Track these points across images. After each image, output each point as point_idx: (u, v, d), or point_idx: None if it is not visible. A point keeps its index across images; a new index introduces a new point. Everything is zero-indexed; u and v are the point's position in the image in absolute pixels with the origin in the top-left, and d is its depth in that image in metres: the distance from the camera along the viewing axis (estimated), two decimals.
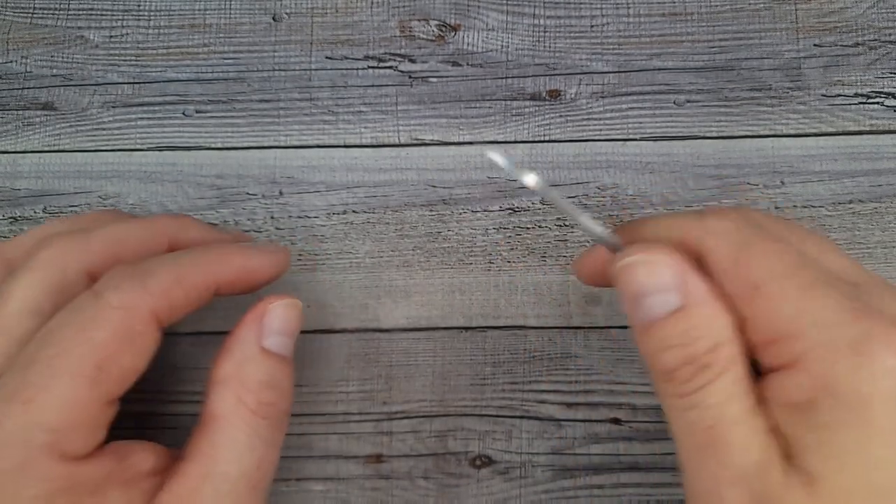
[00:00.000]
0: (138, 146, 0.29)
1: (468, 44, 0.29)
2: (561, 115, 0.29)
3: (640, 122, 0.28)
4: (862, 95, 0.28)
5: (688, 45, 0.29)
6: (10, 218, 0.28)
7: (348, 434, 0.26)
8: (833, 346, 0.16)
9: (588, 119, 0.28)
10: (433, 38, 0.29)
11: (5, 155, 0.29)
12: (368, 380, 0.27)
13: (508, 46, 0.29)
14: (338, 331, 0.27)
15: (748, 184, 0.28)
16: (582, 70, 0.29)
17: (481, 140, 0.28)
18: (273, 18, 0.30)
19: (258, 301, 0.22)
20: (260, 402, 0.21)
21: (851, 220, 0.27)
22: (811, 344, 0.17)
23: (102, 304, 0.20)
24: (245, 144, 0.29)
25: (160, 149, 0.29)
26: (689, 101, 0.28)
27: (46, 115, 0.29)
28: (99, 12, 0.30)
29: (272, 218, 0.28)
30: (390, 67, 0.29)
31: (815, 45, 0.29)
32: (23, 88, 0.29)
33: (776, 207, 0.27)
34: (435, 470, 0.26)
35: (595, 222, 0.19)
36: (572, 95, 0.29)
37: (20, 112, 0.29)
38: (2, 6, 0.30)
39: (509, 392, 0.26)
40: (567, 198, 0.20)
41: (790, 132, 0.28)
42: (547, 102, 0.29)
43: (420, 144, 0.29)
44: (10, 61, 0.29)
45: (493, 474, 0.26)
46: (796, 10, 0.29)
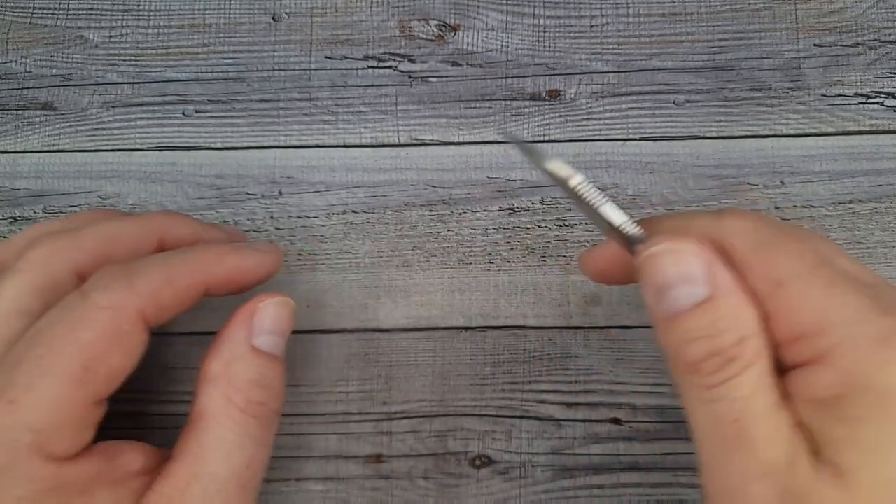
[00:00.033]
0: (138, 146, 0.29)
1: (468, 44, 0.29)
2: (561, 115, 0.29)
3: (640, 122, 0.28)
4: (862, 95, 0.28)
5: (687, 45, 0.29)
6: (10, 218, 0.28)
7: (348, 434, 0.26)
8: (860, 342, 0.16)
9: (588, 119, 0.28)
10: (433, 37, 0.29)
11: (5, 155, 0.29)
12: (368, 380, 0.27)
13: (508, 46, 0.29)
14: (337, 331, 0.27)
15: (748, 184, 0.28)
16: (582, 70, 0.29)
17: (481, 140, 0.28)
18: (273, 18, 0.30)
19: (249, 299, 0.22)
20: (249, 401, 0.21)
21: (851, 220, 0.27)
22: (838, 339, 0.17)
23: (90, 304, 0.20)
24: (245, 144, 0.29)
25: (160, 149, 0.29)
26: (688, 101, 0.28)
27: (46, 115, 0.29)
28: (99, 12, 0.30)
29: (272, 218, 0.28)
30: (390, 67, 0.29)
31: (815, 45, 0.29)
32: (22, 88, 0.29)
33: (776, 207, 0.27)
34: (435, 470, 0.26)
35: (619, 212, 0.19)
36: (572, 95, 0.29)
37: (20, 112, 0.29)
38: (1, 6, 0.30)
39: (509, 392, 0.26)
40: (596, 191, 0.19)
41: (790, 132, 0.28)
42: (547, 102, 0.29)
43: (420, 144, 0.29)
44: (10, 61, 0.29)
45: (492, 474, 0.26)
46: (796, 10, 0.29)
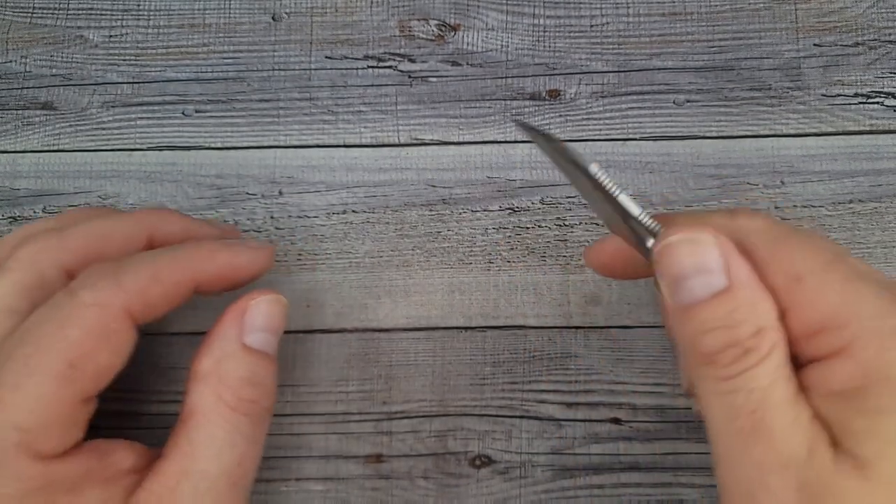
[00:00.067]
0: (138, 146, 0.29)
1: (468, 43, 0.29)
2: (561, 115, 0.29)
3: (640, 122, 0.28)
4: (862, 95, 0.28)
5: (687, 44, 0.29)
6: (10, 218, 0.28)
7: (348, 434, 0.26)
8: (882, 334, 0.17)
9: (588, 119, 0.28)
10: (433, 37, 0.29)
11: (5, 155, 0.29)
12: (368, 380, 0.27)
13: (508, 46, 0.29)
14: (337, 331, 0.27)
15: (748, 183, 0.28)
16: (582, 70, 0.29)
17: (481, 140, 0.28)
18: (273, 18, 0.30)
19: (241, 296, 0.22)
20: (240, 399, 0.21)
21: (851, 219, 0.27)
22: (858, 332, 0.17)
23: (76, 301, 0.20)
24: (245, 144, 0.29)
25: (160, 148, 0.29)
26: (688, 101, 0.28)
27: (46, 115, 0.29)
28: (98, 12, 0.30)
29: (272, 218, 0.28)
30: (390, 67, 0.29)
31: (814, 44, 0.29)
32: (22, 88, 0.29)
33: (776, 207, 0.27)
34: (435, 470, 0.26)
35: (634, 202, 0.19)
36: (572, 95, 0.29)
37: (20, 112, 0.29)
38: (1, 6, 0.30)
39: (509, 392, 0.26)
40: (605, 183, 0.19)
41: (790, 132, 0.28)
42: (547, 102, 0.29)
43: (420, 144, 0.29)
44: (10, 61, 0.29)
45: (492, 474, 0.26)
46: (796, 9, 0.29)
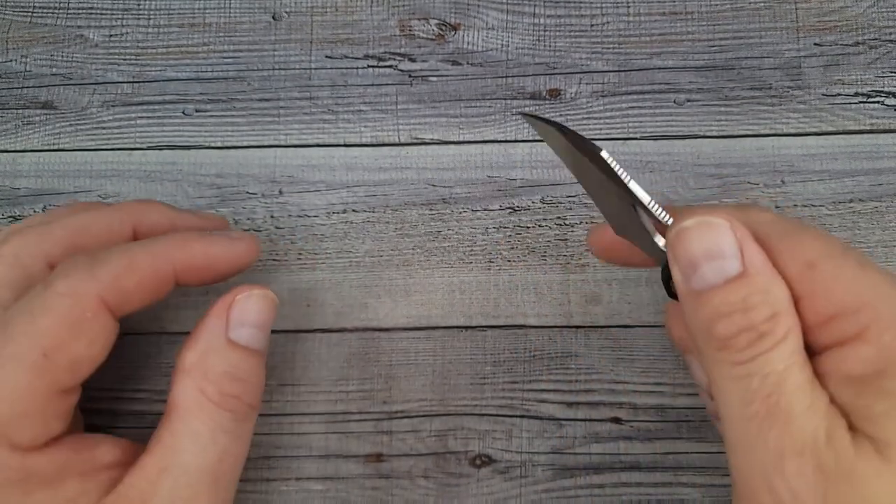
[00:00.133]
0: (138, 145, 0.29)
1: (468, 43, 0.29)
2: (561, 115, 0.29)
3: (641, 121, 0.28)
4: (862, 94, 0.28)
5: (688, 44, 0.29)
6: (10, 217, 0.28)
7: (348, 433, 0.26)
8: None
9: (588, 118, 0.28)
10: (433, 37, 0.29)
11: (5, 154, 0.29)
12: (368, 379, 0.27)
13: (508, 45, 0.29)
14: (337, 330, 0.27)
15: (749, 183, 0.28)
16: (582, 69, 0.29)
17: (481, 139, 0.28)
18: (273, 17, 0.30)
19: (229, 290, 0.22)
20: (223, 394, 0.21)
21: (852, 219, 0.27)
22: (875, 316, 0.17)
23: (50, 292, 0.20)
24: (245, 143, 0.29)
25: (160, 148, 0.29)
26: (689, 101, 0.28)
27: (46, 114, 0.29)
28: (99, 11, 0.30)
29: (272, 217, 0.28)
30: (390, 66, 0.29)
31: (815, 44, 0.29)
32: (22, 87, 0.29)
33: (777, 206, 0.27)
34: (435, 469, 0.26)
35: (643, 191, 0.19)
36: (572, 94, 0.29)
37: (20, 111, 0.29)
38: (1, 5, 0.30)
39: (509, 391, 0.26)
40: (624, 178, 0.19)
41: (790, 131, 0.28)
42: (547, 101, 0.29)
43: (420, 143, 0.29)
44: (10, 60, 0.29)
45: (493, 474, 0.26)
46: (796, 9, 0.29)
